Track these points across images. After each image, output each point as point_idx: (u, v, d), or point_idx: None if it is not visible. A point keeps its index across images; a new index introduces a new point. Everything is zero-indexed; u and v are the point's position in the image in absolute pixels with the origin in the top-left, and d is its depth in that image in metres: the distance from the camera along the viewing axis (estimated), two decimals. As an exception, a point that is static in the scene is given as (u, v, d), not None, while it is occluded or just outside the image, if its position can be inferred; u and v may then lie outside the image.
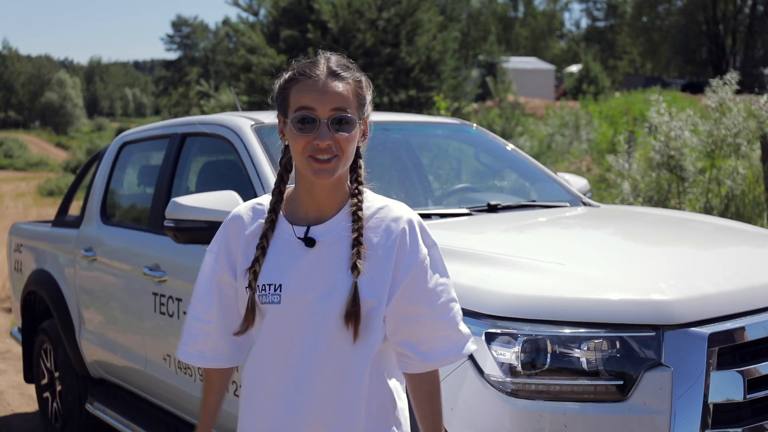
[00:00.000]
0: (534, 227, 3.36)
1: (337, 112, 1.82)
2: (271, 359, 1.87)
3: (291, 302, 1.83)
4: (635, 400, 2.23)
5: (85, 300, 4.71)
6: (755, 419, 2.30)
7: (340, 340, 1.83)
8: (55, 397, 5.16)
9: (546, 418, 2.22)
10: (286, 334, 1.85)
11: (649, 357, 2.25)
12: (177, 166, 4.13)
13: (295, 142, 1.83)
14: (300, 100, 1.83)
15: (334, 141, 1.81)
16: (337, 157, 1.82)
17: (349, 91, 1.85)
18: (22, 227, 5.92)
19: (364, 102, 1.90)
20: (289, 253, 1.86)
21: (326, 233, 1.87)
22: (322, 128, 1.80)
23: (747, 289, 2.51)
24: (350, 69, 1.89)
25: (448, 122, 4.55)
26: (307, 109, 1.82)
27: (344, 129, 1.82)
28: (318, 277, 1.84)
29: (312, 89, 1.83)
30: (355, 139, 1.86)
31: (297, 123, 1.82)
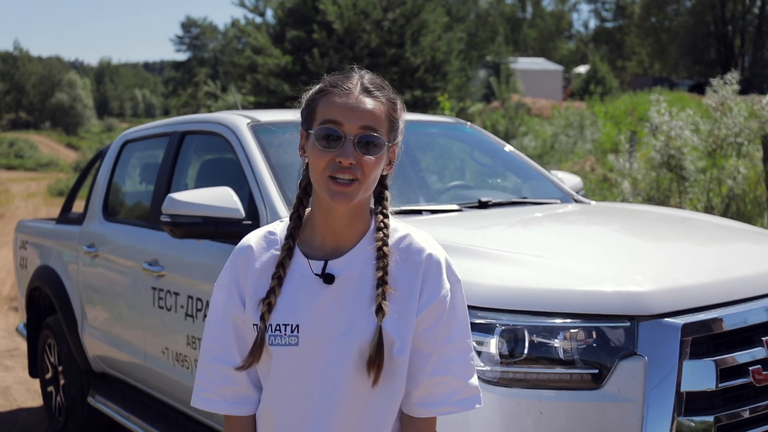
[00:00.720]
0: (521, 223, 3.43)
1: (366, 131, 1.66)
2: (286, 403, 1.73)
3: (309, 344, 1.69)
4: (609, 388, 2.30)
5: (87, 295, 4.80)
6: (727, 407, 2.37)
7: (361, 383, 1.70)
8: (59, 391, 5.25)
9: (522, 405, 2.29)
10: (303, 376, 1.70)
11: (623, 346, 2.32)
12: (176, 163, 4.22)
13: (316, 158, 1.67)
14: (327, 112, 1.68)
15: (358, 163, 1.65)
16: (358, 182, 1.66)
17: (382, 111, 1.70)
18: (27, 224, 6.03)
19: (397, 126, 1.75)
20: (306, 290, 1.71)
21: (345, 268, 1.72)
22: (347, 145, 1.65)
23: (723, 281, 2.58)
24: (385, 89, 1.75)
25: (442, 121, 4.63)
26: (334, 123, 1.66)
27: (371, 151, 1.66)
28: (337, 317, 1.69)
29: (342, 103, 1.68)
30: (381, 165, 1.70)
31: (321, 137, 1.67)
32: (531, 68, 56.69)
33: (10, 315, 9.60)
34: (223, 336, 1.79)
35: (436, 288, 1.72)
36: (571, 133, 17.18)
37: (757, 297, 2.57)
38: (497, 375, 2.33)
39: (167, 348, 3.93)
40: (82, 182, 5.86)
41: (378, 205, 1.78)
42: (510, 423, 2.30)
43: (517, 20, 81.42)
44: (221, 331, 1.79)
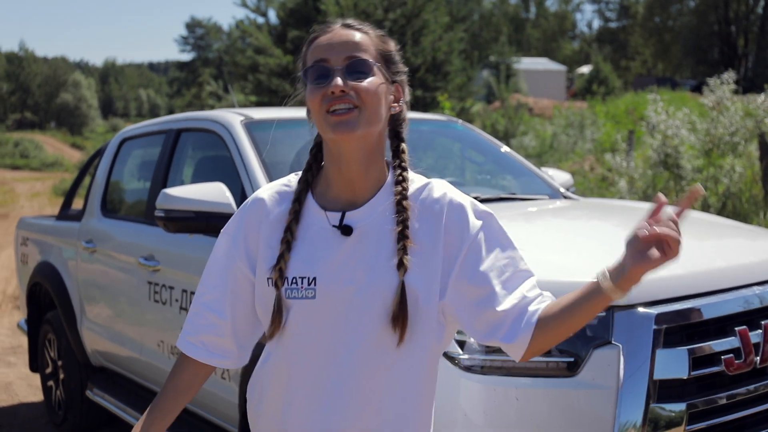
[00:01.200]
0: (506, 218, 3.48)
1: (352, 59, 1.61)
2: (300, 362, 1.66)
3: (327, 297, 1.62)
4: (584, 376, 2.37)
5: (86, 291, 4.88)
6: (700, 395, 2.43)
7: (385, 338, 1.62)
8: (59, 385, 5.33)
9: (499, 392, 2.36)
10: (321, 332, 1.63)
11: (598, 335, 2.39)
12: (172, 160, 4.30)
13: (312, 100, 1.62)
14: (314, 54, 1.64)
15: (353, 89, 1.58)
16: (357, 108, 1.58)
17: (368, 41, 1.65)
18: (28, 221, 6.12)
19: (392, 59, 1.68)
20: (323, 242, 1.64)
21: (363, 219, 1.64)
22: (335, 74, 1.59)
23: (698, 273, 2.65)
24: (366, 25, 1.70)
25: (434, 119, 4.70)
26: (320, 61, 1.62)
27: (361, 76, 1.60)
28: (356, 270, 1.62)
29: (325, 40, 1.64)
30: (378, 93, 1.61)
31: (312, 78, 1.63)
32: (534, 68, 56.75)
33: (14, 313, 9.68)
34: (219, 284, 1.75)
35: (464, 231, 1.65)
36: (571, 132, 17.26)
37: (731, 288, 2.64)
38: (478, 363, 2.40)
39: (163, 341, 4.00)
40: (81, 179, 5.95)
41: (396, 158, 1.71)
42: (488, 408, 2.37)
43: (520, 20, 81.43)
44: (218, 278, 1.75)
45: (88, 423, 5.18)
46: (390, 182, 1.68)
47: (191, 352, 1.75)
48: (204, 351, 1.75)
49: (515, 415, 2.36)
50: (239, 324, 1.75)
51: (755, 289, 2.68)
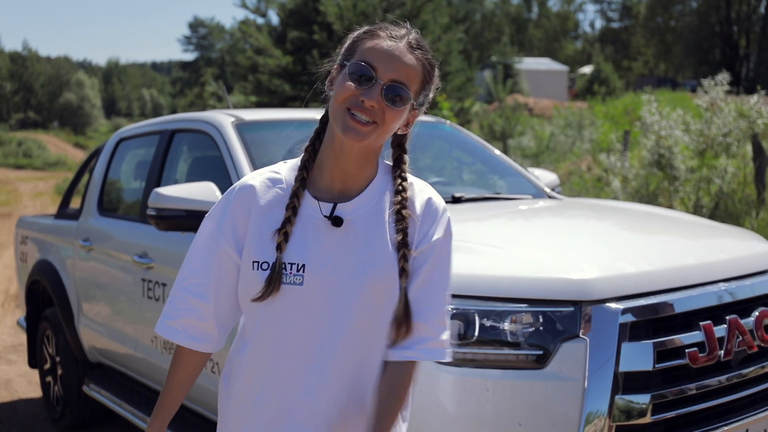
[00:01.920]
0: (488, 216, 3.60)
1: (397, 83, 1.66)
2: (283, 347, 1.71)
3: (314, 285, 1.67)
4: (552, 368, 2.47)
5: (83, 288, 4.97)
6: (664, 387, 2.53)
7: (367, 326, 1.70)
8: (57, 381, 5.41)
9: (471, 383, 2.47)
10: (307, 318, 1.69)
11: (567, 329, 2.49)
12: (166, 160, 4.40)
13: (341, 89, 1.67)
14: (368, 53, 1.67)
15: (380, 108, 1.65)
16: (375, 125, 1.65)
17: (418, 70, 1.70)
18: (27, 220, 6.22)
19: (428, 91, 1.76)
20: (313, 231, 1.70)
21: (354, 212, 1.71)
22: (374, 88, 1.64)
23: (665, 270, 2.74)
24: (428, 51, 1.74)
25: (423, 120, 4.79)
26: (370, 65, 1.66)
27: (396, 103, 1.66)
28: (344, 261, 1.69)
29: (384, 48, 1.67)
30: (401, 119, 1.70)
31: (353, 73, 1.66)
32: (536, 68, 56.80)
33: (17, 312, 9.76)
34: (202, 268, 1.77)
35: (428, 233, 1.74)
36: (569, 133, 17.34)
37: (697, 285, 2.74)
38: (452, 356, 2.49)
39: (156, 337, 4.10)
40: (79, 178, 6.05)
41: (397, 168, 1.77)
42: (459, 399, 2.48)
43: (522, 20, 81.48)
44: (202, 262, 1.77)
45: (86, 418, 5.26)
46: (380, 178, 1.76)
47: (171, 335, 1.79)
48: (184, 335, 1.79)
49: (487, 405, 2.46)
50: (222, 307, 1.78)
51: (721, 286, 2.78)
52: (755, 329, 2.75)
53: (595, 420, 2.43)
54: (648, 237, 3.31)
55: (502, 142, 13.48)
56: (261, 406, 1.74)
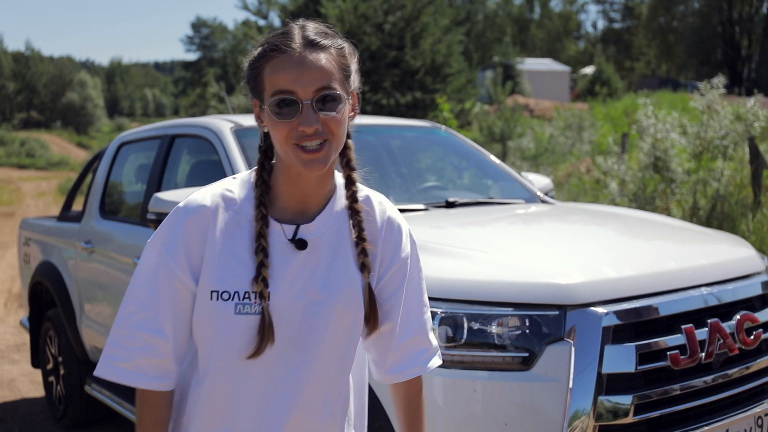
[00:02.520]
0: (479, 222, 3.68)
1: (322, 91, 1.53)
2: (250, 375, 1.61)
3: (279, 311, 1.58)
4: (537, 370, 2.56)
5: (85, 289, 5.06)
6: (646, 388, 2.61)
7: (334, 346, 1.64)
8: (59, 381, 5.50)
9: (459, 384, 2.56)
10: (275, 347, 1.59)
11: (552, 333, 2.58)
12: (166, 165, 4.49)
13: (276, 130, 1.54)
14: (276, 81, 1.54)
15: (322, 124, 1.53)
16: (327, 141, 1.54)
17: (333, 62, 1.56)
18: (30, 222, 6.31)
19: (350, 72, 1.61)
20: (276, 255, 1.59)
21: (316, 233, 1.62)
22: (306, 111, 1.52)
23: (648, 275, 2.83)
24: (330, 36, 1.60)
25: (418, 125, 4.89)
26: (286, 93, 1.52)
27: (332, 108, 1.54)
28: (309, 282, 1.60)
29: (288, 66, 1.53)
30: (345, 119, 1.58)
31: (276, 108, 1.53)
32: (538, 69, 56.78)
33: (20, 312, 9.85)
34: (153, 300, 1.60)
35: (397, 251, 1.69)
36: (569, 134, 17.40)
37: (679, 289, 2.82)
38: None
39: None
40: (81, 181, 6.15)
41: (343, 157, 1.66)
42: (447, 400, 2.56)
43: (524, 21, 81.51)
44: (151, 294, 1.61)
45: (88, 417, 5.36)
46: (338, 193, 1.68)
47: (124, 379, 1.62)
48: (142, 377, 1.62)
49: (474, 406, 2.55)
50: (180, 341, 1.64)
51: (703, 290, 2.86)
52: (736, 332, 2.83)
53: (579, 420, 2.51)
54: (633, 242, 3.40)
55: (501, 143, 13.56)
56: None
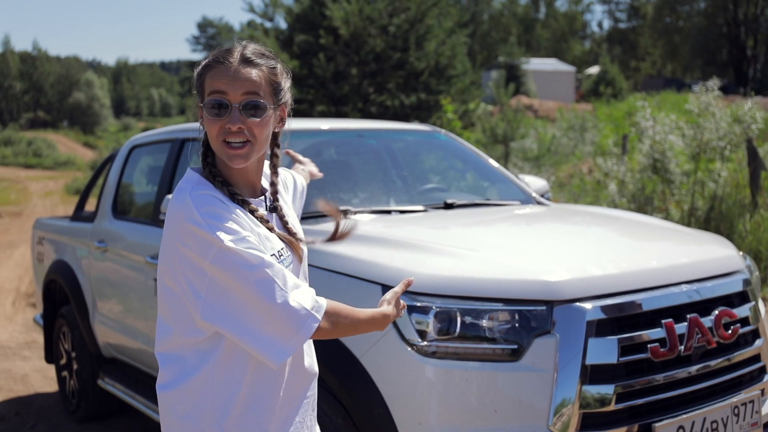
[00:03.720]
0: (475, 222, 3.86)
1: (248, 97, 1.87)
2: None
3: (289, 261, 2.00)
4: (526, 361, 2.74)
5: (98, 287, 5.25)
6: (628, 378, 2.79)
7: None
8: (72, 376, 5.67)
9: (452, 374, 2.74)
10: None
11: (539, 326, 2.76)
12: (177, 167, 4.67)
13: (210, 126, 1.89)
14: (213, 85, 1.88)
15: (246, 126, 1.86)
16: (249, 143, 1.88)
17: (262, 77, 1.90)
18: (44, 222, 6.51)
19: (280, 89, 1.95)
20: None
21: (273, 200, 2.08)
22: (233, 112, 1.86)
23: (630, 272, 3.00)
24: (265, 56, 1.94)
25: (419, 129, 5.07)
26: (220, 93, 1.87)
27: (257, 114, 1.87)
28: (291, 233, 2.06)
29: (224, 75, 1.87)
30: (268, 125, 1.92)
31: (210, 107, 1.87)
32: (543, 69, 56.85)
33: (27, 311, 10.01)
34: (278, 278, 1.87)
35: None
36: (572, 135, 17.54)
37: (661, 286, 3.00)
38: (433, 349, 2.78)
39: (167, 333, 4.37)
40: (94, 183, 6.33)
41: (272, 161, 2.10)
42: (441, 388, 2.75)
43: (530, 21, 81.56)
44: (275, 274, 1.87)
45: (100, 411, 5.54)
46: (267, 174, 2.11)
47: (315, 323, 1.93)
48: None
49: (466, 394, 2.74)
50: None
51: (684, 287, 3.04)
52: (714, 327, 3.01)
53: (564, 408, 2.70)
54: (618, 241, 3.58)
55: (504, 145, 13.71)
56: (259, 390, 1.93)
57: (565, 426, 2.70)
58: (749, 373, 3.19)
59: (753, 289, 3.39)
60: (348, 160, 4.49)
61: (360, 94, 14.73)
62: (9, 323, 9.33)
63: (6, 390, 6.51)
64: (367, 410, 2.81)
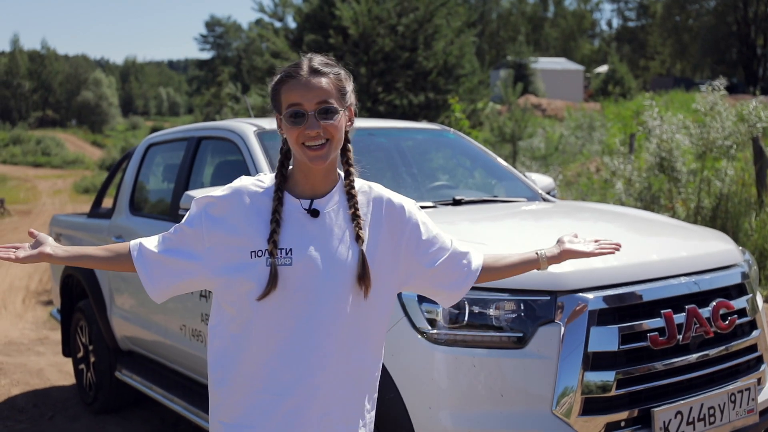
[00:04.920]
0: (482, 217, 4.00)
1: (321, 105, 2.06)
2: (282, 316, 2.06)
3: (301, 264, 2.05)
4: (530, 348, 2.88)
5: (115, 281, 5.39)
6: (628, 365, 2.93)
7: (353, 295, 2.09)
8: (90, 368, 5.80)
9: (460, 360, 2.88)
10: (297, 292, 2.05)
11: (544, 315, 2.90)
12: (193, 165, 4.82)
13: (290, 133, 2.08)
14: (289, 98, 2.08)
15: (323, 129, 2.05)
16: (328, 141, 2.06)
17: (331, 84, 2.09)
18: (61, 219, 6.65)
19: (345, 92, 2.13)
20: (297, 223, 2.09)
21: (326, 206, 2.11)
22: (310, 119, 2.05)
23: (631, 265, 3.13)
24: (330, 65, 2.13)
25: (428, 128, 5.20)
26: (296, 105, 2.06)
27: (329, 117, 2.06)
28: (324, 244, 2.08)
29: (298, 87, 2.07)
30: (341, 125, 2.10)
31: (289, 118, 2.07)
32: (552, 68, 56.84)
33: (38, 309, 10.14)
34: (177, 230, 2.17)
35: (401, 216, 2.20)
36: (579, 134, 17.64)
37: (660, 278, 3.13)
38: (444, 337, 2.92)
39: (184, 325, 4.51)
40: (111, 180, 6.48)
41: (343, 155, 2.19)
42: (451, 373, 2.89)
43: (538, 19, 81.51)
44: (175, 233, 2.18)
45: (117, 402, 5.68)
46: (341, 183, 2.18)
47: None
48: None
49: (473, 379, 2.88)
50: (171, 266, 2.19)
51: (682, 279, 3.17)
52: (712, 317, 3.14)
53: (567, 393, 2.84)
54: (620, 235, 3.69)
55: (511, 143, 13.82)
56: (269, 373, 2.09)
57: (568, 410, 2.83)
58: (746, 363, 3.32)
59: (751, 282, 3.52)
60: (359, 158, 4.62)
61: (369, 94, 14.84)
62: (19, 321, 9.47)
63: (23, 383, 6.66)
64: (379, 395, 2.94)
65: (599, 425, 2.88)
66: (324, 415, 2.10)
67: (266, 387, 2.09)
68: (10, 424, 5.63)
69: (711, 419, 3.06)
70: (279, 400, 2.09)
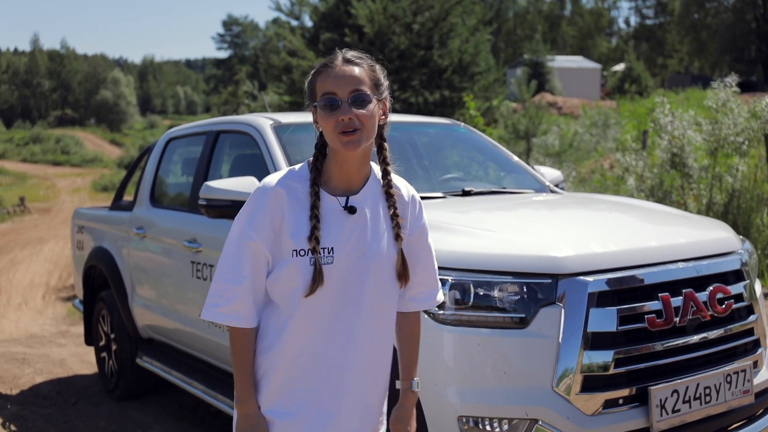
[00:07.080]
0: (490, 207, 4.14)
1: (354, 93, 2.10)
2: (323, 311, 2.15)
3: (342, 262, 2.13)
4: (532, 328, 3.03)
5: (136, 271, 5.57)
6: (626, 345, 3.07)
7: (389, 289, 2.22)
8: (111, 356, 6.00)
9: (465, 339, 3.03)
10: (338, 288, 2.14)
11: (545, 297, 3.04)
12: (212, 158, 4.98)
13: (325, 122, 2.11)
14: (323, 87, 2.12)
15: (356, 116, 2.08)
16: (359, 130, 2.08)
17: (364, 73, 2.13)
18: (83, 212, 6.84)
19: (380, 83, 2.18)
20: (335, 221, 2.14)
21: (360, 203, 2.17)
22: (343, 106, 2.09)
23: (629, 250, 3.27)
24: (363, 58, 2.18)
25: (440, 122, 5.35)
26: (330, 94, 2.11)
27: (363, 106, 2.10)
28: (361, 239, 2.16)
29: (332, 76, 2.12)
30: (374, 115, 2.14)
31: (324, 106, 2.11)
32: (569, 66, 56.73)
33: (57, 305, 10.34)
34: (237, 261, 2.17)
35: (419, 218, 2.32)
36: (594, 132, 17.72)
37: (659, 263, 3.26)
38: (449, 317, 3.07)
39: (203, 312, 4.67)
40: (131, 175, 6.66)
41: (380, 154, 2.26)
42: (456, 353, 3.04)
43: (555, 18, 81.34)
44: (236, 255, 2.17)
45: (138, 389, 5.87)
46: (374, 172, 2.26)
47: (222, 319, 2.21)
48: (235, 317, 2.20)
49: (478, 358, 3.02)
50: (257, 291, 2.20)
51: (680, 265, 3.30)
52: (709, 301, 3.27)
53: (568, 371, 2.98)
54: (621, 223, 3.86)
55: (526, 140, 13.93)
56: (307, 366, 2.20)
57: (568, 387, 2.98)
58: (743, 345, 3.45)
59: (749, 269, 3.65)
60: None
61: (384, 91, 14.95)
62: (40, 316, 9.68)
63: (46, 372, 6.86)
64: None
65: (598, 402, 3.02)
66: (356, 399, 2.24)
67: (305, 377, 2.19)
68: (36, 409, 5.82)
69: (707, 398, 3.20)
70: (318, 389, 2.20)
